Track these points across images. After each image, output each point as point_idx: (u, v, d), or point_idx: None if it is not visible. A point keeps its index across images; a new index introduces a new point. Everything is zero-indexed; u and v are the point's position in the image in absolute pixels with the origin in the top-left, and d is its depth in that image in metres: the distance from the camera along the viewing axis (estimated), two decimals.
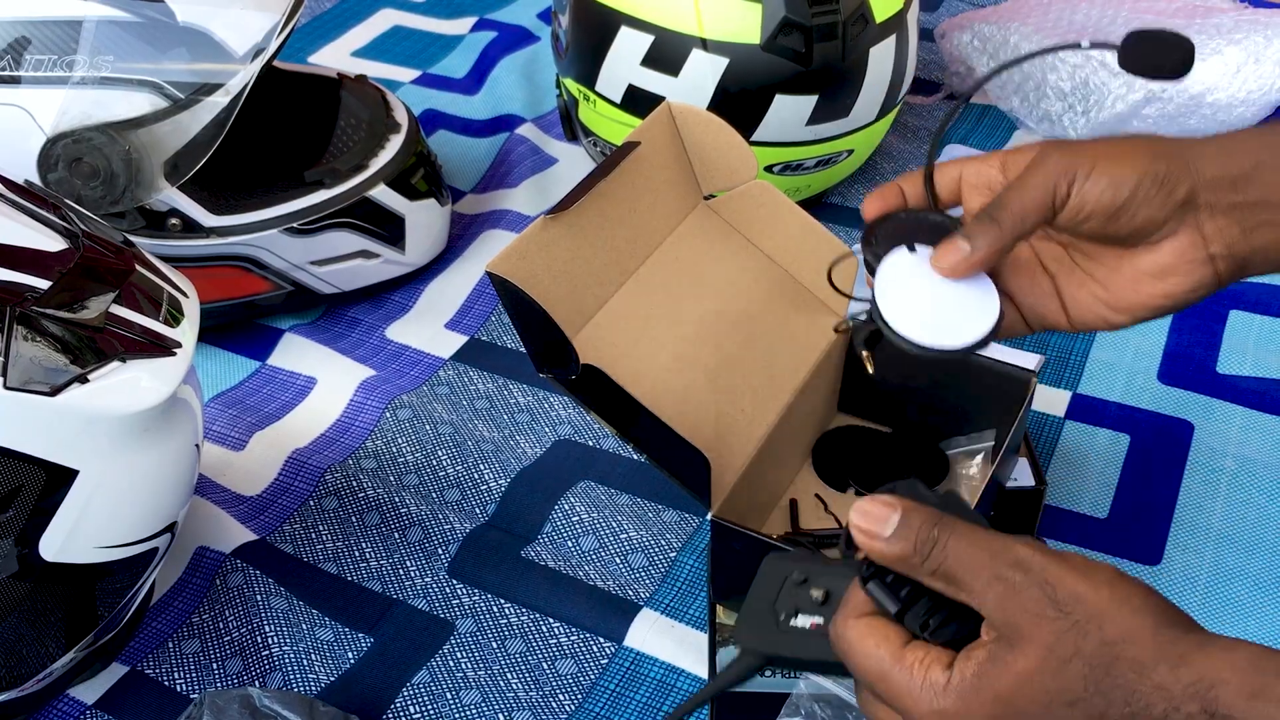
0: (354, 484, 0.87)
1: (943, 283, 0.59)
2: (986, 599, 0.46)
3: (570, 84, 1.12)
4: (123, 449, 0.63)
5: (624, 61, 1.03)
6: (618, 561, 0.81)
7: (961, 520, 0.47)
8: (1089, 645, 0.45)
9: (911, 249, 0.60)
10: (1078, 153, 0.56)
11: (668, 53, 1.01)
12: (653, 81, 1.02)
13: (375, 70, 1.39)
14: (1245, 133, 0.57)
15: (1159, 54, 0.62)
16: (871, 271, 0.61)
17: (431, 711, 0.72)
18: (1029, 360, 0.76)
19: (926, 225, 0.62)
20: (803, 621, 0.52)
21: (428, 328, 1.03)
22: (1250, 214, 0.56)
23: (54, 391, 0.59)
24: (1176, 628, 0.45)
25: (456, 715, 0.72)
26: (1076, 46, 0.63)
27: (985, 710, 0.46)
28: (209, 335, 1.00)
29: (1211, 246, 0.56)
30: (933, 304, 0.58)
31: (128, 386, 0.62)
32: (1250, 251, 0.56)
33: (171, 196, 0.91)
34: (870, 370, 0.65)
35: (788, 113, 1.02)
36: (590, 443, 0.90)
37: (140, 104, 0.87)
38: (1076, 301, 0.61)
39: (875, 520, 0.48)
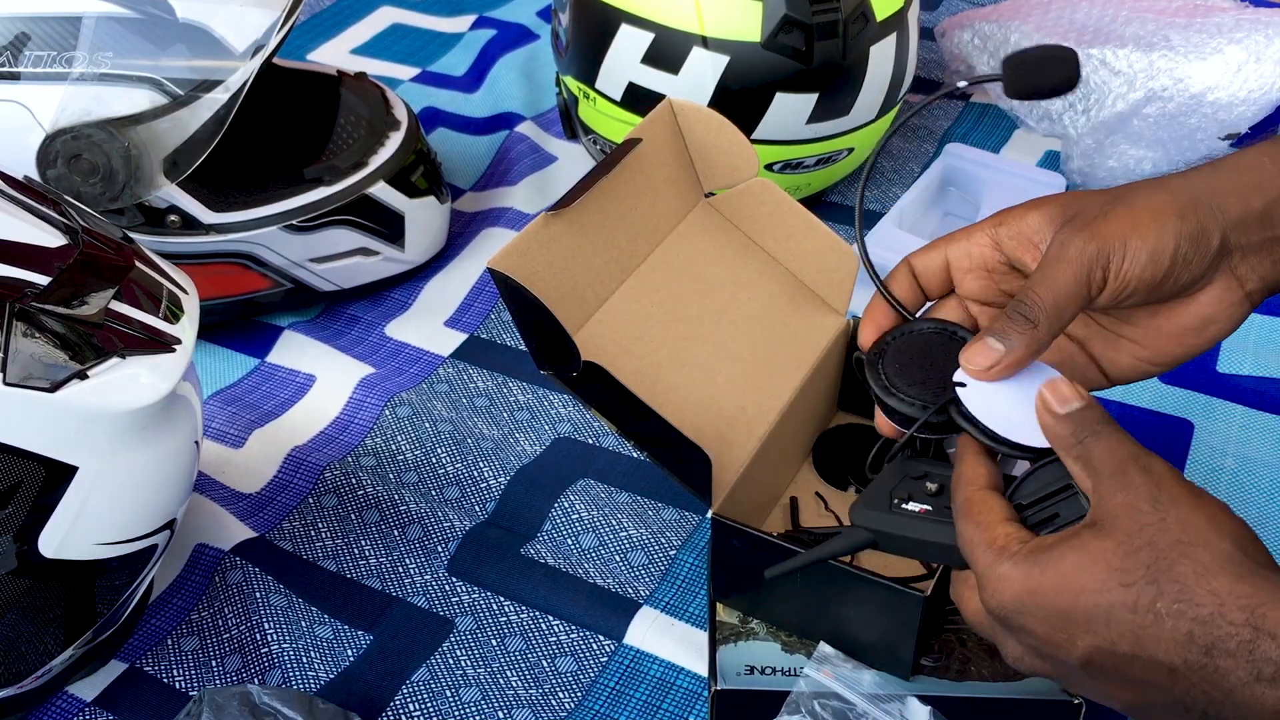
0: (353, 481, 0.87)
1: (1024, 385, 0.56)
2: (1102, 485, 0.49)
3: (570, 82, 1.12)
4: (122, 445, 0.63)
5: (624, 59, 1.03)
6: (617, 559, 0.81)
7: (1122, 430, 0.51)
8: (1164, 539, 0.46)
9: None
10: (1103, 231, 0.53)
11: (668, 50, 1.01)
12: (653, 79, 1.02)
13: (374, 68, 1.39)
14: (1256, 158, 0.55)
15: (1042, 74, 0.60)
16: (888, 412, 0.59)
17: (431, 709, 0.72)
18: None
19: (933, 343, 0.60)
20: (914, 507, 0.57)
21: (427, 325, 1.03)
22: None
23: (53, 387, 0.59)
24: (1255, 560, 0.46)
25: (456, 713, 0.72)
26: (955, 89, 0.65)
27: (1044, 580, 0.48)
28: (208, 332, 1.00)
29: (1247, 285, 0.55)
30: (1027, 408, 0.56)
31: (127, 383, 0.62)
32: None
33: (171, 193, 0.90)
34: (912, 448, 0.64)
35: (788, 111, 1.02)
36: (590, 441, 0.90)
37: (140, 100, 0.86)
38: (1114, 363, 0.60)
39: (1060, 398, 0.52)
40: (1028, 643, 0.50)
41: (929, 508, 0.57)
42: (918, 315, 0.62)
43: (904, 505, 0.57)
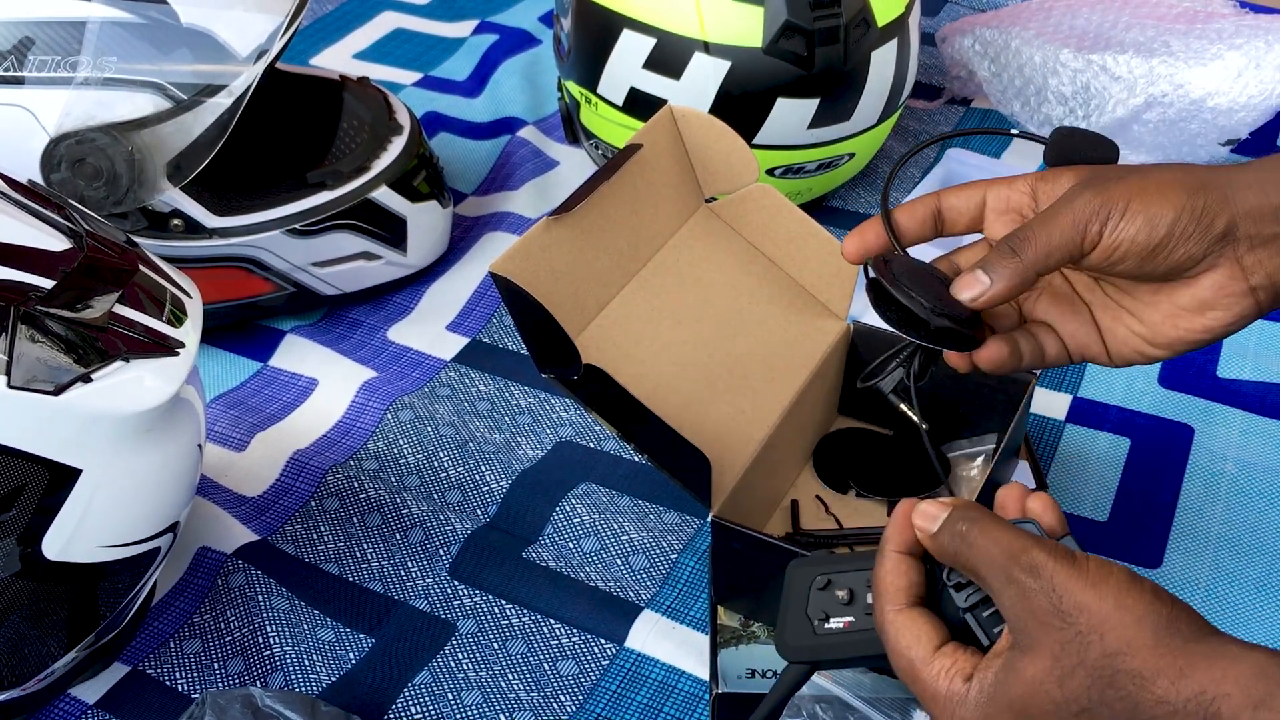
0: (355, 485, 0.87)
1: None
2: (1003, 599, 0.48)
3: (572, 87, 1.12)
4: (125, 449, 0.63)
5: (626, 64, 1.03)
6: (619, 563, 0.81)
7: (992, 518, 0.50)
8: (1091, 656, 0.45)
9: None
10: (1110, 191, 0.55)
11: (670, 56, 1.01)
12: (654, 84, 1.03)
13: (377, 73, 1.39)
14: None
15: (1084, 149, 0.62)
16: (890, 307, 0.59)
17: (433, 712, 0.72)
18: None
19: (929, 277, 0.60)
20: (836, 623, 0.55)
21: (429, 329, 1.03)
22: None
23: (57, 391, 0.59)
24: (1179, 636, 0.45)
25: (458, 715, 0.72)
26: (1005, 133, 0.65)
27: (1002, 719, 0.47)
28: (211, 336, 1.00)
29: (1252, 278, 0.55)
30: None
31: (131, 386, 0.62)
32: None
33: (174, 197, 0.91)
34: (918, 420, 0.65)
35: (789, 116, 1.02)
36: (591, 445, 0.90)
37: (143, 105, 0.87)
38: (1113, 335, 0.60)
39: (927, 519, 0.51)
40: None
41: (851, 619, 0.55)
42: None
43: (826, 625, 0.55)
